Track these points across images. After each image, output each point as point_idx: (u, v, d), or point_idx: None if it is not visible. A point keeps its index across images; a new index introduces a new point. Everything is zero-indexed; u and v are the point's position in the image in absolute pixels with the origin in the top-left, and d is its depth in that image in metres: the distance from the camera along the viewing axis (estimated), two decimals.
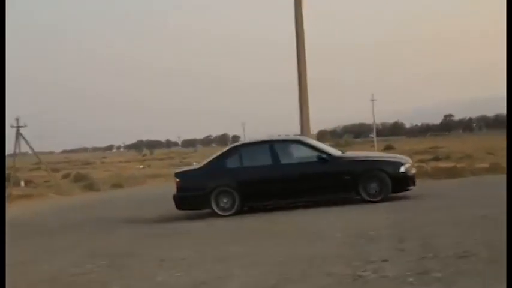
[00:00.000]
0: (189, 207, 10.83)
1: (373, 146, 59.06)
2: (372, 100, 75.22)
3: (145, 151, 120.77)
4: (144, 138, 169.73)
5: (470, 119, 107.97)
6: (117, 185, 26.72)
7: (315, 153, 10.48)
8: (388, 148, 51.94)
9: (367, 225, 7.28)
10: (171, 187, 21.55)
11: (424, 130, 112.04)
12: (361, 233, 6.62)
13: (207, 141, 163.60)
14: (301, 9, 16.96)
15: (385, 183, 10.08)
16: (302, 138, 12.01)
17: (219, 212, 10.25)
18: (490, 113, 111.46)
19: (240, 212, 10.19)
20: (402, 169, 10.34)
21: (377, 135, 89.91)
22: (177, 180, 10.75)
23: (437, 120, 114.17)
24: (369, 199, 10.01)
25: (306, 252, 5.86)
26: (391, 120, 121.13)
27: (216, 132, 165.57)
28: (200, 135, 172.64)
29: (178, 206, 10.78)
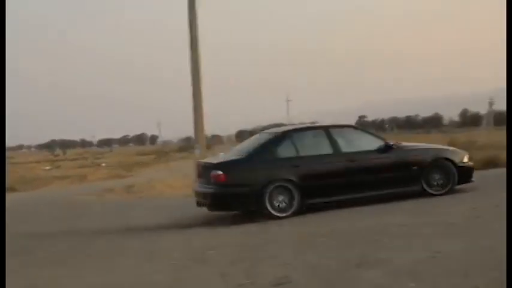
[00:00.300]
0: (231, 207, 8.91)
1: None
2: (287, 101, 76.44)
3: (58, 151, 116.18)
4: (58, 137, 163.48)
5: (383, 120, 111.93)
6: (9, 189, 24.93)
7: (372, 141, 9.30)
8: None
9: None
10: (75, 190, 20.69)
11: None
12: None
13: (124, 141, 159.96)
14: (195, 9, 16.41)
15: (451, 174, 9.21)
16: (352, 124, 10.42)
17: (275, 213, 8.42)
18: (401, 114, 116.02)
19: (298, 213, 8.45)
20: (465, 159, 9.55)
21: None
22: (219, 173, 8.52)
23: (352, 121, 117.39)
24: (432, 192, 9.10)
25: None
26: (308, 120, 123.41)
27: (133, 131, 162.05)
28: (117, 134, 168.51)
29: (216, 206, 8.81)
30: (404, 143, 9.84)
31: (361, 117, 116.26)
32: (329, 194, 8.79)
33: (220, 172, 8.54)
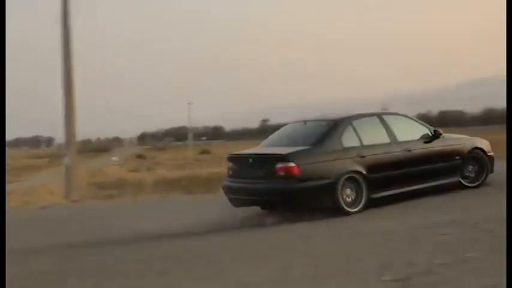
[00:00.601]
0: (303, 204, 7.68)
1: (195, 148, 58.57)
2: (189, 104, 75.77)
3: None
4: None
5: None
6: None
7: (421, 129, 8.72)
8: (204, 152, 51.43)
9: None
10: None
11: (245, 134, 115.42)
12: None
13: (17, 143, 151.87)
14: (68, 6, 15.07)
15: (485, 164, 8.79)
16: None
17: (347, 208, 7.55)
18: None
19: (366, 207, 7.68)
20: (490, 148, 9.13)
21: (199, 138, 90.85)
22: (291, 165, 7.45)
23: (255, 124, 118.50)
24: (467, 184, 8.63)
25: None
26: (211, 124, 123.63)
27: (25, 134, 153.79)
28: (9, 136, 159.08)
29: (286, 204, 7.73)
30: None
31: (264, 120, 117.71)
32: (393, 187, 8.11)
33: (292, 164, 7.46)
